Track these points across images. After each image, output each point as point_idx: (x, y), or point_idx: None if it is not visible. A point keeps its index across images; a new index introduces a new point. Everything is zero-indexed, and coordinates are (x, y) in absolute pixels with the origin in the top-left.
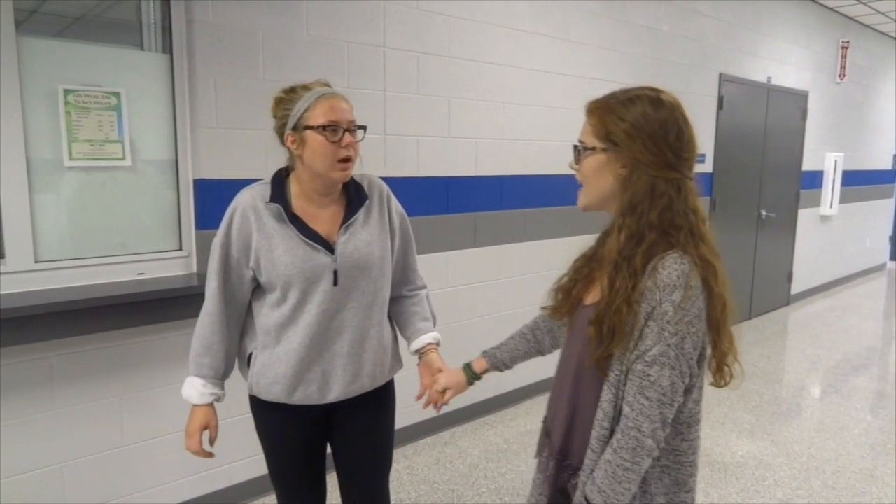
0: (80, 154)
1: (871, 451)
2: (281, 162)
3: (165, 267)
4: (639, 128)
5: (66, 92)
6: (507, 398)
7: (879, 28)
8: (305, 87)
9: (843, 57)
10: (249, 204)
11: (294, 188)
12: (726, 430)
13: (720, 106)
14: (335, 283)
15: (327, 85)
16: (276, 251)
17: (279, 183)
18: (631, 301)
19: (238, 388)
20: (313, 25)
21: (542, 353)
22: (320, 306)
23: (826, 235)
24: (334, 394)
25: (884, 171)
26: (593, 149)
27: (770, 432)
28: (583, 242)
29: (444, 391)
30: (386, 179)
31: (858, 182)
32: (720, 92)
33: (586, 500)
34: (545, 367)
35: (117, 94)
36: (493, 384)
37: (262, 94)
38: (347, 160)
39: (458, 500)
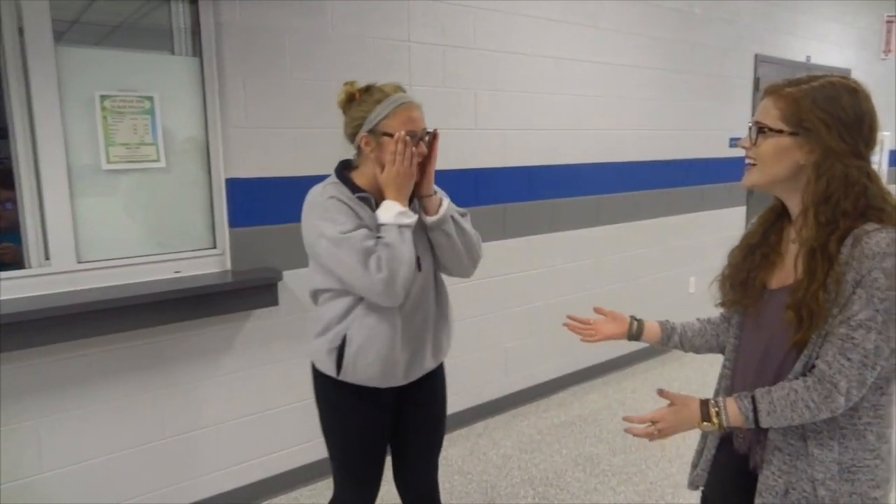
0: (116, 157)
1: None
2: (309, 158)
3: (201, 265)
4: (837, 118)
5: (103, 98)
6: (539, 389)
7: None
8: (382, 91)
9: (889, 32)
10: (334, 196)
11: (360, 183)
12: None
13: (756, 88)
14: (419, 267)
15: (401, 89)
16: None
17: (346, 180)
18: (828, 285)
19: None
20: (339, 23)
21: (720, 349)
22: (413, 289)
23: None
24: (416, 374)
25: None
26: (779, 132)
27: None
28: (610, 232)
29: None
30: None
31: None
32: (756, 73)
33: (753, 399)
34: (575, 359)
35: (150, 98)
36: (525, 376)
37: (290, 92)
38: (419, 163)
39: (491, 491)
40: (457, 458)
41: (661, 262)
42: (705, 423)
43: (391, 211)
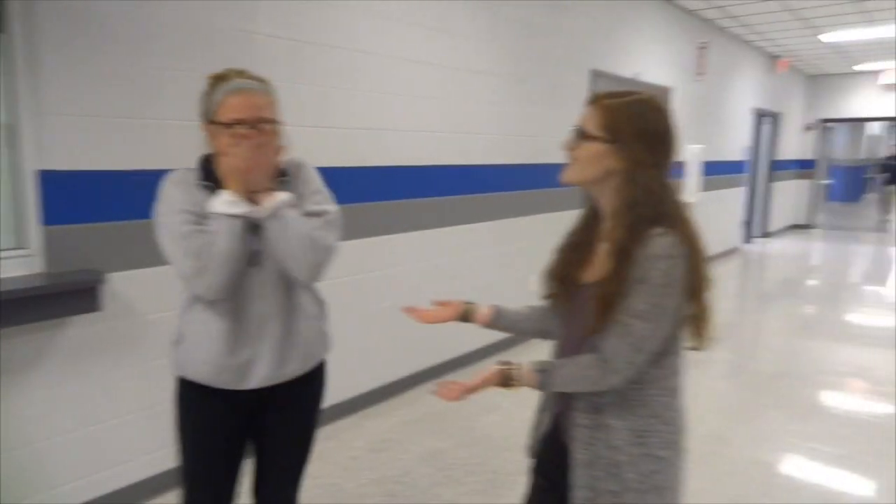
0: None
1: (720, 414)
2: (144, 151)
3: (6, 267)
4: (645, 132)
5: None
6: (390, 389)
7: (732, 31)
8: (221, 76)
9: (701, 56)
10: (181, 178)
11: (222, 165)
12: None
13: None
14: (257, 263)
15: (245, 74)
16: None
17: (206, 167)
18: (624, 282)
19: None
20: (178, 8)
21: (545, 335)
22: (243, 287)
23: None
24: (260, 377)
25: (737, 162)
26: (597, 138)
27: None
28: (459, 232)
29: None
30: None
31: (716, 172)
32: (592, 86)
33: (546, 369)
34: (427, 357)
35: None
36: (375, 376)
37: (114, 80)
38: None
39: (338, 493)
40: None
41: (505, 261)
42: (503, 388)
43: (222, 199)
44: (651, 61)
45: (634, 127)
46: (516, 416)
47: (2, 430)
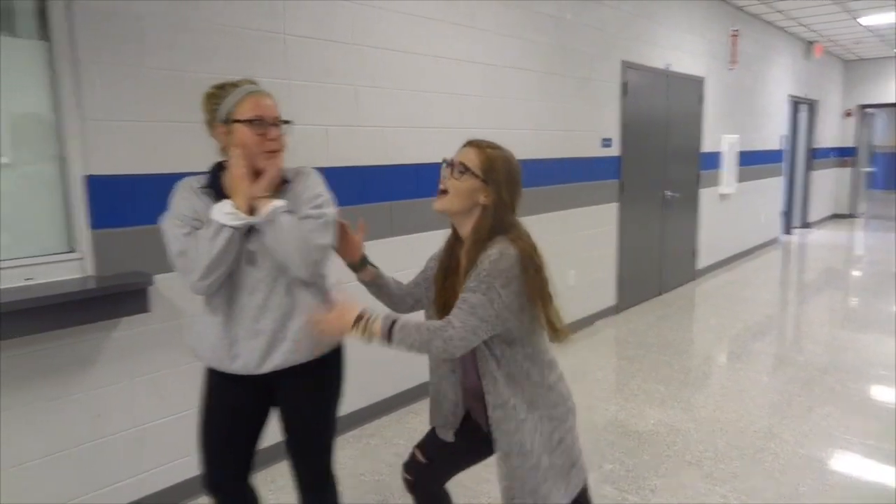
0: None
1: (769, 410)
2: (182, 154)
3: (57, 271)
4: (509, 177)
5: None
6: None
7: (765, 17)
8: (234, 84)
9: (734, 45)
10: (187, 185)
11: (227, 178)
12: (640, 401)
13: (624, 92)
14: (253, 262)
15: (252, 82)
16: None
17: (214, 173)
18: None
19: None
20: (209, 11)
21: (396, 306)
22: (237, 284)
23: (725, 213)
24: (252, 362)
25: (774, 152)
26: (476, 176)
27: (679, 400)
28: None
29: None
30: None
31: (752, 162)
32: (623, 78)
33: (394, 321)
34: None
35: None
36: (416, 373)
37: (156, 84)
38: (273, 152)
39: (385, 490)
40: (349, 460)
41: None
42: (353, 331)
43: (222, 209)
44: (682, 51)
45: (504, 172)
46: None
47: (59, 429)
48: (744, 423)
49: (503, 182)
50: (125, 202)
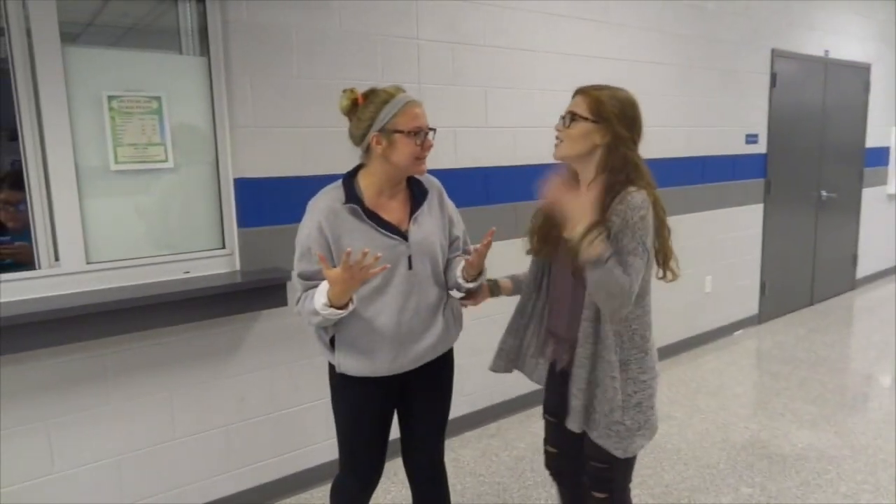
0: (124, 158)
1: None
2: (317, 158)
3: (210, 265)
4: (624, 114)
5: (111, 98)
6: None
7: None
8: (387, 92)
9: None
10: (328, 208)
11: (365, 184)
12: (786, 421)
13: (773, 83)
14: (410, 266)
15: (402, 90)
16: (357, 244)
17: (349, 184)
18: (602, 225)
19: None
20: (346, 20)
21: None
22: (398, 287)
23: (894, 215)
24: (409, 364)
25: None
26: (586, 119)
27: (833, 423)
28: None
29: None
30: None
31: None
32: (773, 69)
33: (597, 258)
34: None
35: (158, 98)
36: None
37: (297, 91)
38: (424, 158)
39: (504, 493)
40: (469, 460)
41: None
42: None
43: (319, 301)
44: (845, 35)
45: (616, 109)
46: (690, 427)
47: (209, 409)
48: None
49: (616, 118)
50: (268, 203)
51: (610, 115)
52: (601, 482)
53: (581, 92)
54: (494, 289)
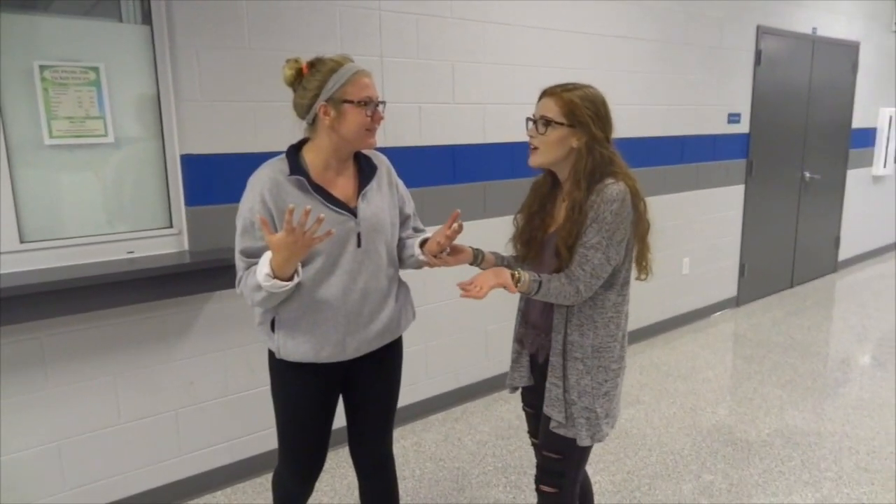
0: (60, 132)
1: None
2: (270, 133)
3: (156, 245)
4: (598, 114)
5: (42, 68)
6: None
7: None
8: (334, 61)
9: None
10: (271, 180)
11: (310, 158)
12: (754, 406)
13: (758, 61)
14: (359, 244)
15: (350, 59)
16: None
17: (294, 157)
18: (578, 224)
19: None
20: None
21: None
22: (345, 267)
23: (878, 197)
24: (354, 352)
25: None
26: (561, 124)
27: (802, 409)
28: None
29: (445, 247)
30: (386, 150)
31: None
32: (758, 46)
33: (541, 280)
34: None
35: (96, 69)
36: (503, 360)
37: (249, 63)
38: (374, 130)
39: (462, 478)
40: (430, 444)
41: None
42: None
43: (262, 272)
44: (834, 12)
45: (591, 110)
46: (658, 412)
47: (158, 393)
48: (878, 443)
49: (590, 119)
50: (218, 180)
51: (585, 119)
52: (551, 475)
53: (550, 94)
54: (479, 256)
